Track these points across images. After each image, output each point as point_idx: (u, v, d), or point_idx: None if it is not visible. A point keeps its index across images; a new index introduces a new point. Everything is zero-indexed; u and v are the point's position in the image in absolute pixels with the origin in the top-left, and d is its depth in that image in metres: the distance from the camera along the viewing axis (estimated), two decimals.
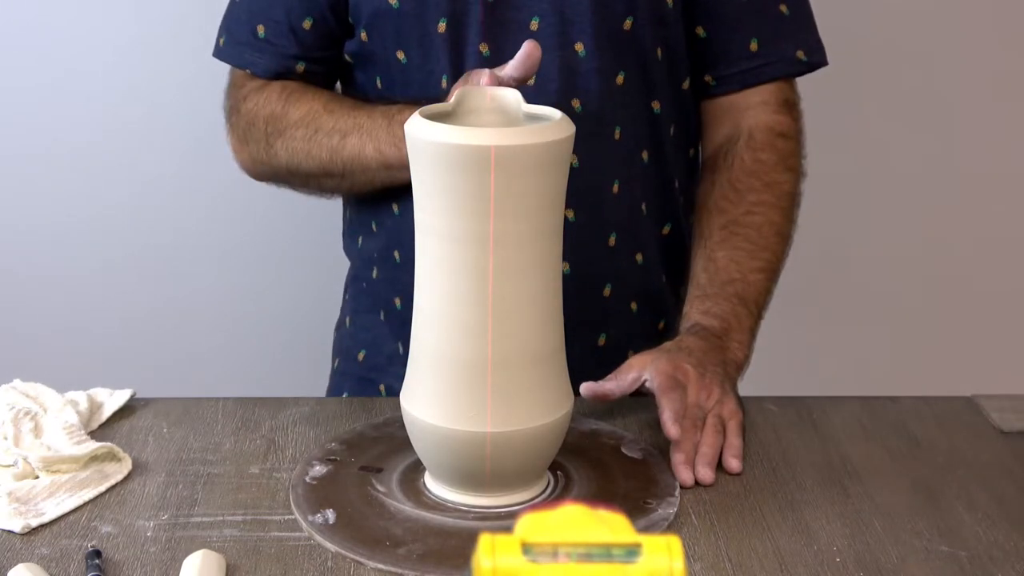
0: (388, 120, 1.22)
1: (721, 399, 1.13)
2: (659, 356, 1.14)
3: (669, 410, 1.08)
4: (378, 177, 1.25)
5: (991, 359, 2.13)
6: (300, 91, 1.29)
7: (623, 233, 1.30)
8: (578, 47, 1.24)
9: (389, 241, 1.33)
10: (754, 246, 1.26)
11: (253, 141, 1.30)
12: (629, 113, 1.28)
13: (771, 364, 2.12)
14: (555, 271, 1.01)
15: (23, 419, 1.10)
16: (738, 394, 1.17)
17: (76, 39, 1.93)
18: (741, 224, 1.27)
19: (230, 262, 2.04)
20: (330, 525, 0.99)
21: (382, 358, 1.37)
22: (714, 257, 1.25)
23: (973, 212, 2.12)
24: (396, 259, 1.32)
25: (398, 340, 1.35)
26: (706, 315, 1.21)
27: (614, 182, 1.29)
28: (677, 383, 1.11)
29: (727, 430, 1.11)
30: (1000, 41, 2.05)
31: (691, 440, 1.09)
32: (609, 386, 1.14)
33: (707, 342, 1.18)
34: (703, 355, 1.16)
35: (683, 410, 1.10)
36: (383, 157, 1.22)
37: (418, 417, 1.01)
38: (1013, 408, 1.22)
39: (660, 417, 1.09)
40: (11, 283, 2.01)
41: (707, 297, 1.22)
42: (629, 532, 0.58)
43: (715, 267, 1.24)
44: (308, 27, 1.27)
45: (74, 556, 0.95)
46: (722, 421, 1.12)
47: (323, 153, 1.25)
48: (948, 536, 1.00)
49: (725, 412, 1.12)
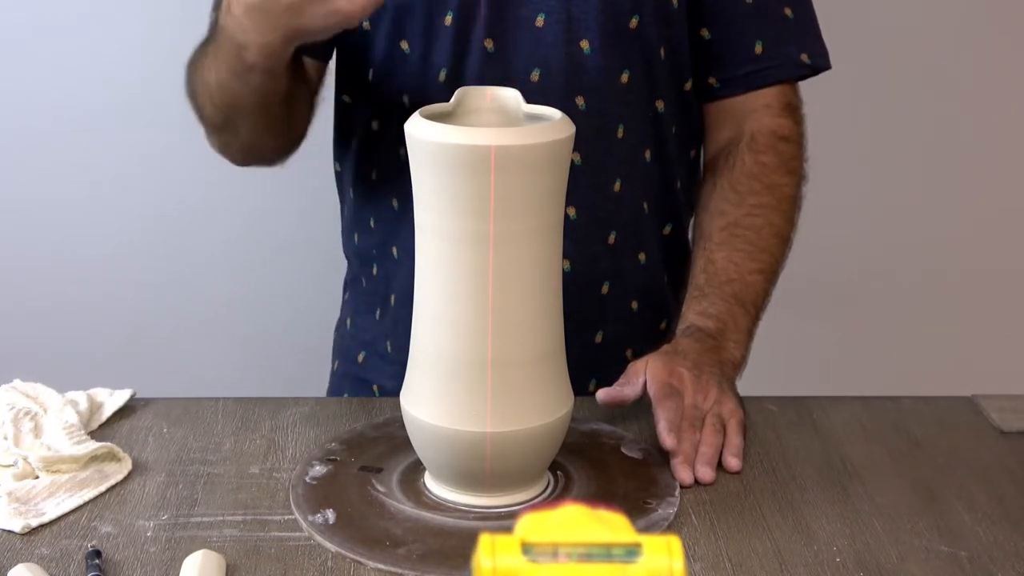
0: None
1: (719, 399, 1.13)
2: (655, 361, 1.14)
3: (664, 420, 1.08)
4: (236, 67, 1.15)
5: (991, 359, 2.13)
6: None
7: (624, 232, 1.30)
8: (583, 44, 1.24)
9: (387, 237, 1.32)
10: (753, 248, 1.26)
11: (201, 108, 1.24)
12: (632, 112, 1.28)
13: (771, 364, 2.13)
14: (555, 271, 1.01)
15: (23, 419, 1.10)
16: (737, 393, 1.17)
17: (76, 39, 1.93)
18: (741, 226, 1.26)
19: (231, 262, 2.04)
20: (330, 525, 0.99)
21: (378, 358, 1.37)
22: (713, 258, 1.25)
23: (973, 212, 2.12)
24: (394, 255, 1.32)
25: (388, 338, 1.35)
26: (702, 315, 1.21)
27: (616, 180, 1.29)
28: (672, 390, 1.11)
29: (727, 429, 1.11)
30: (1003, 46, 2.05)
31: (690, 441, 1.09)
32: (627, 391, 1.13)
33: (702, 343, 1.18)
34: (698, 356, 1.16)
35: (678, 419, 1.09)
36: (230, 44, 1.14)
37: (418, 417, 1.01)
38: (1013, 408, 1.22)
39: (656, 427, 1.09)
40: (11, 283, 2.01)
41: (704, 297, 1.22)
42: (629, 532, 0.58)
43: (713, 268, 1.24)
44: None
45: (74, 556, 0.95)
46: (721, 420, 1.11)
47: (209, 75, 1.20)
48: (948, 536, 1.00)
49: (724, 411, 1.12)
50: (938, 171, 2.09)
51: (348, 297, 1.43)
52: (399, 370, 1.06)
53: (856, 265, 2.13)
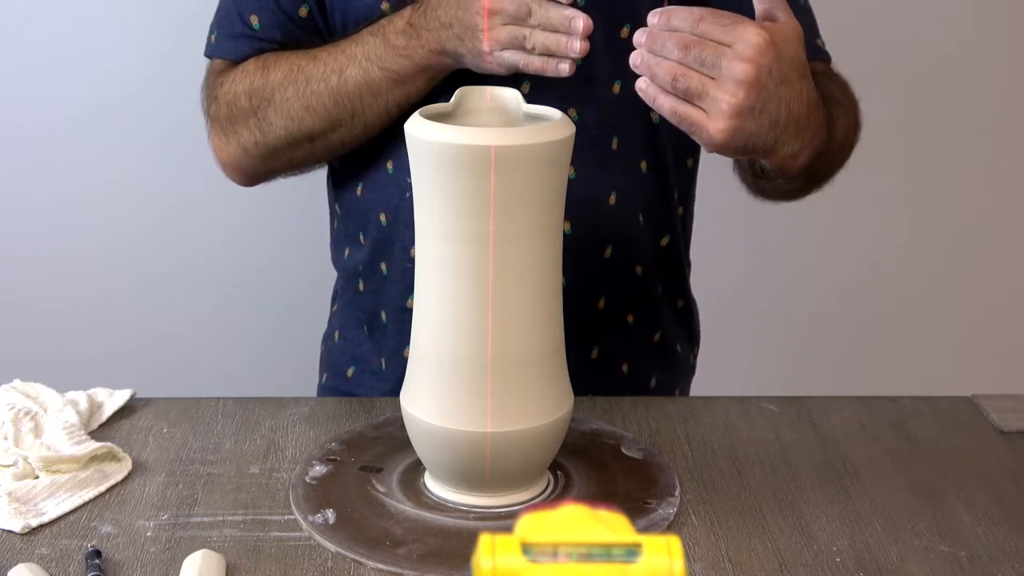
0: (380, 38, 1.18)
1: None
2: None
3: (681, 18, 0.97)
4: (391, 98, 1.19)
5: (991, 359, 2.13)
6: (274, 56, 1.24)
7: (619, 245, 1.28)
8: None
9: (375, 253, 1.30)
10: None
11: (240, 123, 1.24)
12: (627, 123, 1.26)
13: (771, 364, 2.14)
14: (555, 271, 1.01)
15: (23, 419, 1.10)
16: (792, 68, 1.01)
17: (76, 40, 1.93)
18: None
19: (231, 261, 2.04)
20: (330, 525, 0.99)
21: (368, 375, 1.35)
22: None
23: (973, 212, 2.12)
24: (383, 271, 1.30)
25: (381, 356, 1.33)
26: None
27: (611, 193, 1.26)
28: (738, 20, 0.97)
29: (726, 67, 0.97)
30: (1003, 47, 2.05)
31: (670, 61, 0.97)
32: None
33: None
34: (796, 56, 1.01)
35: (690, 27, 0.97)
36: (392, 73, 1.17)
37: (418, 417, 1.01)
38: (1013, 408, 1.22)
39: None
40: (11, 283, 2.01)
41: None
42: (629, 532, 0.58)
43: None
44: (304, 14, 1.25)
45: (74, 556, 0.95)
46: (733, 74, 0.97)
47: (325, 100, 1.20)
48: (948, 536, 1.00)
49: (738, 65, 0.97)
50: (939, 170, 2.09)
51: (336, 309, 1.40)
52: (395, 386, 1.05)
53: (856, 265, 2.13)
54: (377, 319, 1.32)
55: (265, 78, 1.23)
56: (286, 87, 1.21)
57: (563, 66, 1.12)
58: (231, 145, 1.27)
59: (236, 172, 1.30)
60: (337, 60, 1.19)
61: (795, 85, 1.00)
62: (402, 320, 1.28)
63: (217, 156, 1.30)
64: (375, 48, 1.18)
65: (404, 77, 1.18)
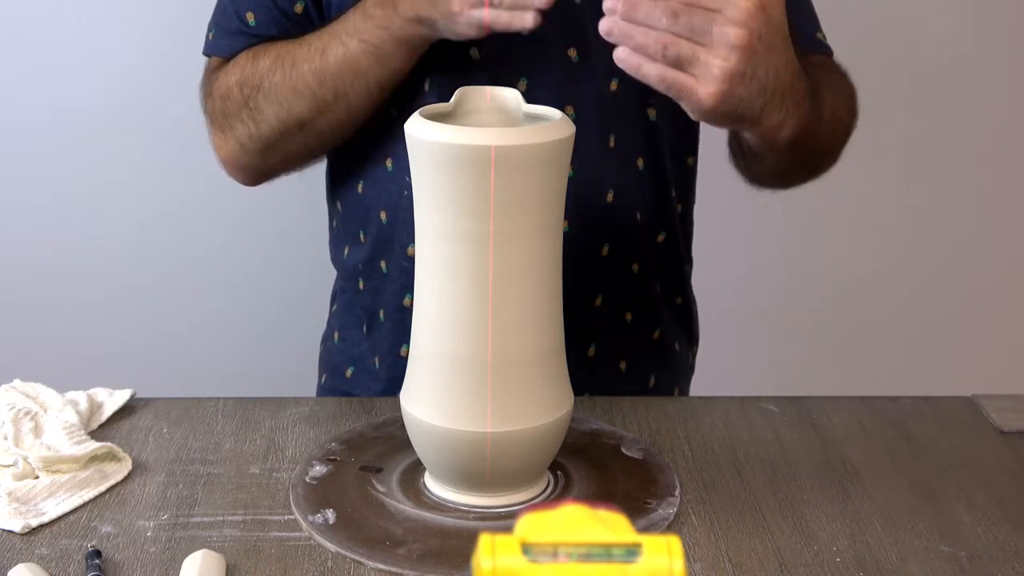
0: (360, 12, 1.17)
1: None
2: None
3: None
4: (372, 75, 1.18)
5: (991, 359, 2.13)
6: (264, 46, 1.24)
7: (617, 243, 1.28)
8: (571, 53, 1.23)
9: (375, 251, 1.30)
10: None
11: (234, 116, 1.24)
12: (624, 120, 1.26)
13: (771, 364, 2.13)
14: (555, 271, 1.01)
15: (23, 419, 1.10)
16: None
17: (76, 40, 1.93)
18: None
19: (231, 261, 2.04)
20: (330, 525, 0.99)
21: (365, 374, 1.35)
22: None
23: (973, 212, 2.12)
24: (383, 270, 1.30)
25: (376, 355, 1.33)
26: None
27: (608, 191, 1.26)
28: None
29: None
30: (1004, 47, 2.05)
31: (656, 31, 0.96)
32: None
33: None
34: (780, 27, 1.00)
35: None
36: (370, 46, 1.16)
37: (418, 417, 1.01)
38: (1013, 408, 1.22)
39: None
40: (11, 283, 2.01)
41: None
42: (629, 532, 0.58)
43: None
44: (299, 10, 1.26)
45: (74, 556, 0.95)
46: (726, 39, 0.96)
47: (309, 80, 1.19)
48: (948, 536, 1.00)
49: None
50: (939, 170, 2.09)
51: (335, 309, 1.40)
52: (388, 386, 1.05)
53: (856, 265, 2.13)
54: (376, 317, 1.32)
55: (255, 67, 1.23)
56: (274, 72, 1.21)
57: (527, 16, 1.10)
58: (229, 142, 1.27)
59: (237, 170, 1.31)
60: (321, 39, 1.20)
61: (781, 52, 1.00)
62: (398, 319, 1.28)
63: (218, 155, 1.30)
64: (355, 22, 1.18)
65: (382, 51, 1.17)
